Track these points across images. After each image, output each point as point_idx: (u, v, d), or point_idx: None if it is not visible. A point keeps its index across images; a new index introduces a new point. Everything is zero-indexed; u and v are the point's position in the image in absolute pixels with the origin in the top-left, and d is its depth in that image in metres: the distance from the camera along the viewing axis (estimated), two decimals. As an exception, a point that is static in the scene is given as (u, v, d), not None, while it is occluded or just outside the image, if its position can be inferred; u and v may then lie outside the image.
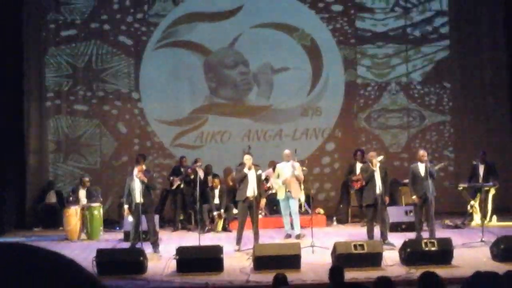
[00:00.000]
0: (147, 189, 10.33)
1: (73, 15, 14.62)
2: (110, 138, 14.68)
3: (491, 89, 14.76)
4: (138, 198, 10.20)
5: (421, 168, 10.63)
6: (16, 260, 1.30)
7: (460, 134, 14.87)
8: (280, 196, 11.62)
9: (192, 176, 12.65)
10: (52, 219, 13.19)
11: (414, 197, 10.63)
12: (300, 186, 11.62)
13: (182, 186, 12.95)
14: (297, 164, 11.67)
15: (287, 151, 11.81)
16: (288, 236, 11.52)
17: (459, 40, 14.92)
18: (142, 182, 10.25)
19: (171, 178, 13.00)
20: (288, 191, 11.47)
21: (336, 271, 6.16)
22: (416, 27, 15.03)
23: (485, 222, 11.51)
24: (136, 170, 10.45)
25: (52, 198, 13.62)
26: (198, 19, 14.92)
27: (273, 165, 12.51)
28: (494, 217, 12.40)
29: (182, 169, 13.08)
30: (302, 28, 15.01)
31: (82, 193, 12.74)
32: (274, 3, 15.04)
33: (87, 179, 13.03)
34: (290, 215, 11.59)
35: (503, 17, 14.61)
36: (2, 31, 13.23)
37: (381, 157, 10.97)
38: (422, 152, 10.86)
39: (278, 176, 11.61)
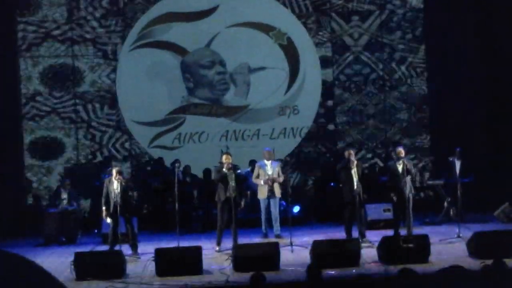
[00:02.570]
0: (125, 191, 10.28)
1: (48, 15, 14.53)
2: (87, 140, 14.60)
3: (467, 84, 14.81)
4: (116, 200, 10.16)
5: (399, 165, 10.70)
6: None
7: (437, 131, 14.96)
8: (261, 195, 11.60)
9: (171, 178, 12.61)
10: (30, 223, 13.06)
11: (392, 194, 10.69)
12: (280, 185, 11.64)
13: (160, 187, 12.90)
14: (276, 163, 11.69)
15: (267, 149, 11.81)
16: (265, 236, 11.52)
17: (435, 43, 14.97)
18: (120, 184, 10.21)
19: (149, 180, 12.97)
20: (270, 190, 11.47)
21: (313, 269, 6.19)
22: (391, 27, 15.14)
23: (461, 217, 11.61)
24: (114, 172, 10.41)
25: (29, 201, 13.51)
26: (174, 19, 14.89)
27: (253, 164, 12.47)
28: (471, 212, 12.52)
29: (160, 171, 13.04)
30: (278, 27, 15.04)
31: (64, 196, 12.63)
32: (249, 2, 15.06)
33: (68, 182, 12.93)
34: (269, 215, 11.58)
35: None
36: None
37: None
38: (399, 149, 10.92)
39: (258, 175, 11.59)
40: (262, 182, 11.49)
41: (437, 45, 14.82)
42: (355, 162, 10.72)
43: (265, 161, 11.63)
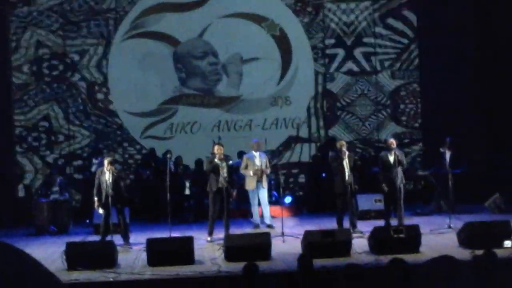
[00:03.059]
0: (116, 181, 10.27)
1: (41, 5, 14.45)
2: (79, 130, 14.55)
3: (461, 76, 14.85)
4: (108, 191, 10.15)
5: (391, 156, 10.73)
6: None
7: (429, 123, 14.99)
8: (250, 186, 11.61)
9: (162, 168, 12.60)
10: (21, 213, 13.05)
11: (383, 185, 10.73)
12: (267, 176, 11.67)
13: (151, 178, 12.89)
14: (264, 155, 11.69)
15: (255, 141, 11.82)
16: (257, 226, 11.55)
17: (427, 30, 14.98)
18: (112, 174, 10.20)
19: (141, 170, 12.96)
20: (259, 181, 11.49)
21: (304, 259, 6.20)
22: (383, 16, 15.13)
23: (452, 208, 11.65)
24: (105, 162, 10.39)
25: (20, 192, 13.46)
26: (167, 9, 14.83)
27: (241, 155, 12.48)
28: (461, 203, 12.57)
29: (151, 161, 13.03)
30: (271, 18, 15.00)
31: (54, 186, 12.61)
32: (242, -8, 15.01)
33: (58, 172, 12.89)
34: (259, 205, 11.60)
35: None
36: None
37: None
38: (391, 140, 10.96)
39: (246, 167, 11.59)
40: (251, 173, 11.49)
41: (430, 36, 14.81)
42: (347, 153, 10.74)
43: (253, 152, 11.64)
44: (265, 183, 11.56)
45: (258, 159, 11.55)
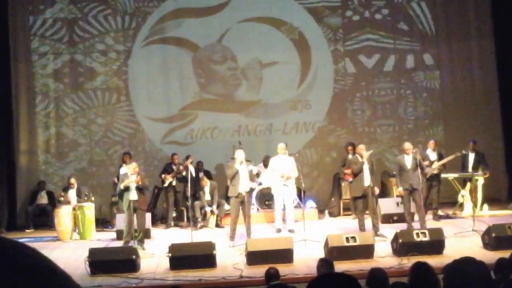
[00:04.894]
0: (139, 187, 10.30)
1: (58, 11, 14.56)
2: (100, 137, 14.62)
3: (479, 78, 14.80)
4: (131, 196, 10.19)
5: (407, 160, 10.65)
6: None
7: (450, 125, 14.89)
8: (276, 190, 11.58)
9: (184, 173, 12.63)
10: (44, 220, 13.16)
11: (400, 188, 10.67)
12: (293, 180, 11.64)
13: (174, 183, 12.93)
14: (290, 159, 11.65)
15: (282, 145, 11.77)
16: (279, 230, 11.52)
17: (445, 30, 14.94)
18: (135, 180, 10.23)
19: (163, 175, 12.99)
20: (285, 185, 11.46)
21: (324, 262, 6.17)
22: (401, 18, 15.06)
23: (476, 211, 11.55)
24: (130, 169, 10.41)
25: (43, 199, 13.57)
26: (186, 15, 14.87)
27: (266, 159, 12.45)
28: (485, 206, 12.46)
29: (173, 166, 13.06)
30: (289, 22, 14.99)
31: (72, 193, 12.70)
32: (260, -3, 15.01)
33: (73, 180, 12.92)
34: (283, 209, 11.57)
35: (490, 4, 14.65)
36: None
37: (370, 152, 10.96)
38: (407, 145, 10.86)
39: (272, 170, 11.56)
40: (276, 177, 11.47)
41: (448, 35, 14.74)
42: (366, 156, 10.68)
43: (279, 156, 11.61)
44: (291, 187, 11.53)
45: (284, 163, 11.52)
